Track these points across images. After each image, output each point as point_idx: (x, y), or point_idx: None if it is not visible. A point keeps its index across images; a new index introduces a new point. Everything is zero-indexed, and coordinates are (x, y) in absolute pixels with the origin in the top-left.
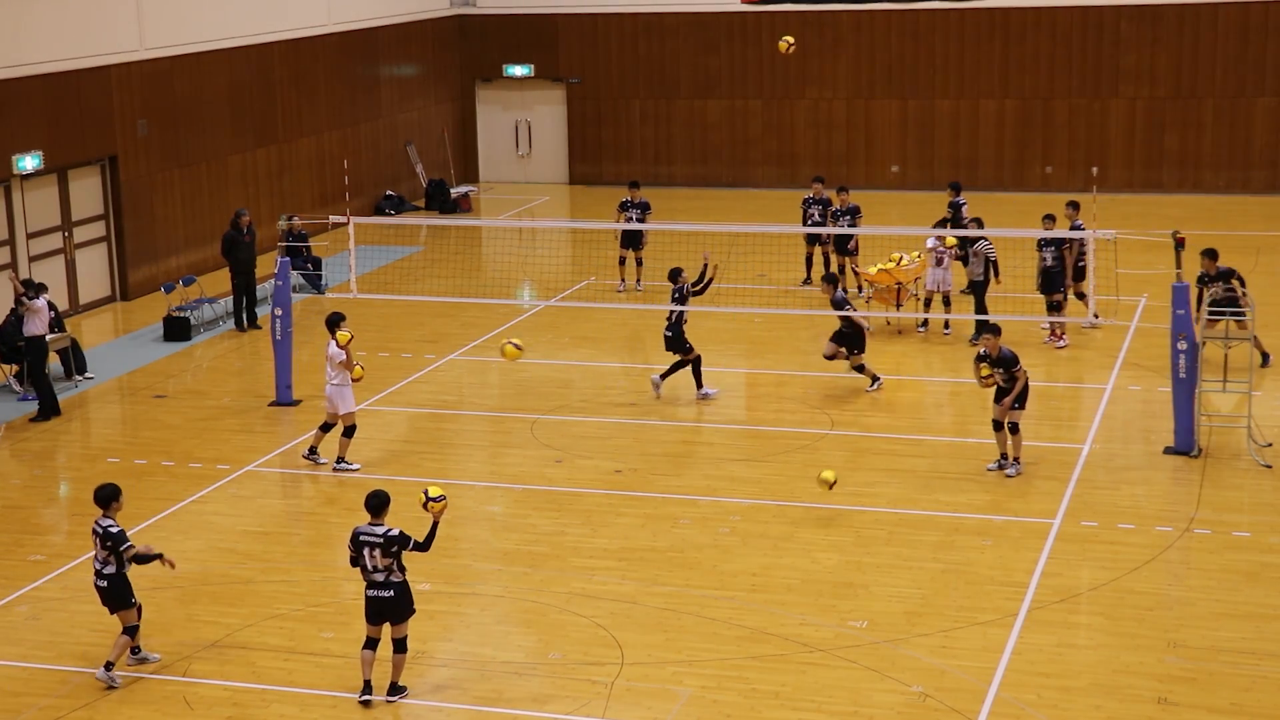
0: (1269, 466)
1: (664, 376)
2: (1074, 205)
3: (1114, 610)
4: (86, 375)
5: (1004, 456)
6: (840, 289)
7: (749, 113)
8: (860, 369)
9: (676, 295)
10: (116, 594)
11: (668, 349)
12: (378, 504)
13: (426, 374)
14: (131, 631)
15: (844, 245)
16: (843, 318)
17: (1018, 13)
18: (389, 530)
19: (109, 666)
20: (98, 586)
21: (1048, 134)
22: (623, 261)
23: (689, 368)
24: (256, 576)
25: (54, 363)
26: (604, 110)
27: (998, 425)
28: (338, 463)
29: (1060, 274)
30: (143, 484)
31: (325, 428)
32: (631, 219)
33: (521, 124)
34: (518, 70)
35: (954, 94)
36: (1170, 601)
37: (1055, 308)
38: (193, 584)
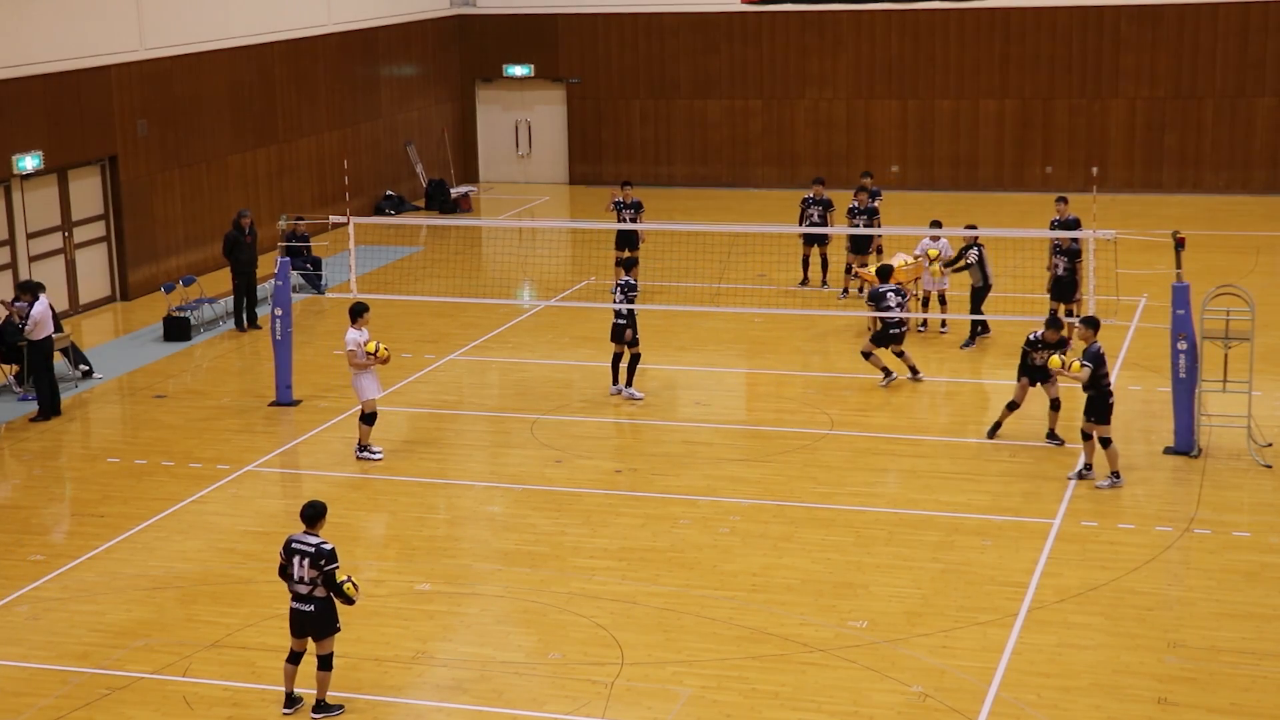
0: (1269, 466)
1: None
2: (1064, 199)
3: (1114, 610)
4: (97, 377)
5: (1087, 468)
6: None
7: (749, 113)
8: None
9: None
10: None
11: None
12: (313, 514)
13: (426, 374)
14: None
15: (862, 245)
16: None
17: (1018, 13)
18: (322, 542)
19: None
20: None
21: (1048, 134)
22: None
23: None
24: (256, 576)
25: (56, 362)
26: (604, 110)
27: (1085, 435)
28: (360, 450)
29: (1073, 283)
30: (143, 484)
31: (364, 419)
32: (625, 219)
33: (521, 124)
34: (518, 70)
35: (954, 94)
36: (1170, 601)
37: (1068, 315)
38: (193, 584)
